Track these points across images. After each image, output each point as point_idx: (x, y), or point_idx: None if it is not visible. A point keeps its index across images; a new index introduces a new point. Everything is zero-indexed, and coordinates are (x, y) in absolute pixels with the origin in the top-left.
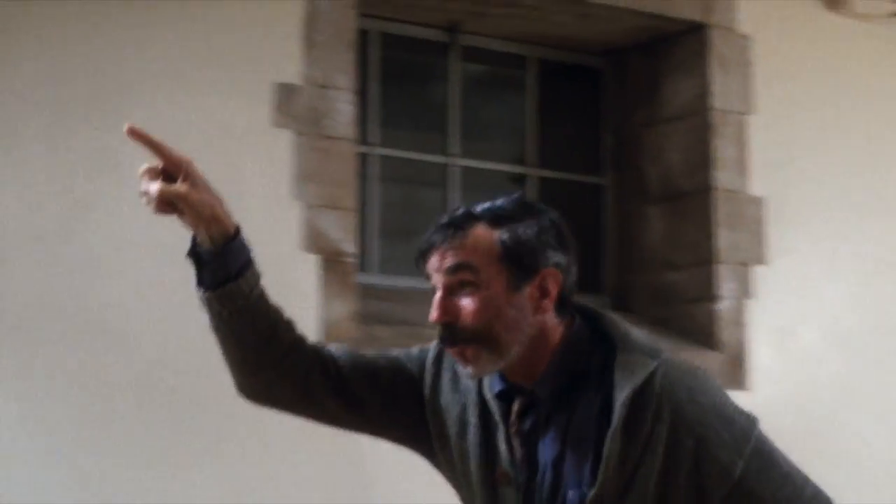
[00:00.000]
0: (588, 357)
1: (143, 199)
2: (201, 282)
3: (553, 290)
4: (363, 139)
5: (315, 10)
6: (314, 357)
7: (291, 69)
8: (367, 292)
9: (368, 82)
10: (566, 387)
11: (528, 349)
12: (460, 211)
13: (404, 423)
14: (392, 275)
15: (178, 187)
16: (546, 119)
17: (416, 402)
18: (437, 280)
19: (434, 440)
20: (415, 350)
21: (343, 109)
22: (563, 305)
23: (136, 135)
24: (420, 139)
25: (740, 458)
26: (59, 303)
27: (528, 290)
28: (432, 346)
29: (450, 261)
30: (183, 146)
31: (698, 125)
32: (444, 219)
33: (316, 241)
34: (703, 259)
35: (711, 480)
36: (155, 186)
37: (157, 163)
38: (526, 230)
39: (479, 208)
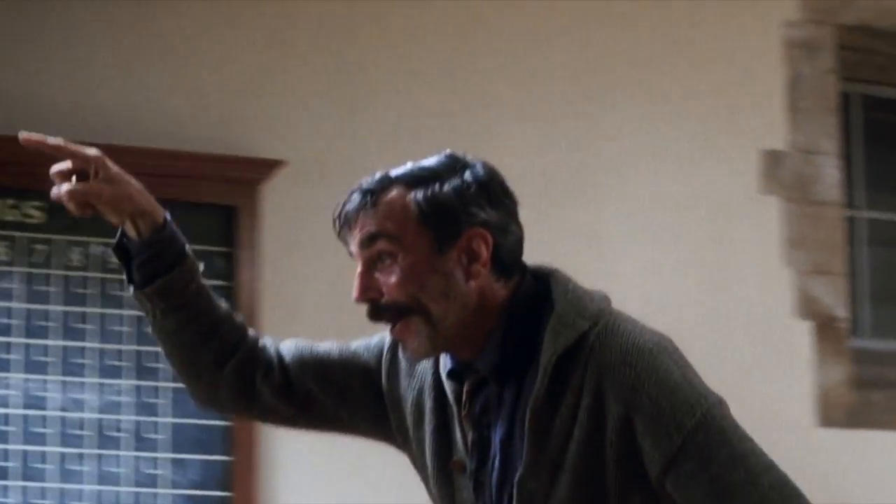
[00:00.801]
0: (533, 323)
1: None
2: (131, 279)
3: (482, 251)
4: (849, 203)
5: (797, 76)
6: (258, 361)
7: (777, 136)
8: (861, 357)
9: (852, 146)
10: (511, 359)
11: (469, 319)
12: (377, 175)
13: (364, 419)
14: (884, 339)
15: (90, 186)
16: None
17: (375, 396)
18: (357, 254)
19: (396, 434)
20: (375, 338)
21: (829, 174)
22: (505, 268)
23: (31, 142)
24: None
25: (678, 431)
26: None
27: (455, 254)
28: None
29: (364, 231)
30: (670, 215)
31: None
32: (359, 185)
33: (808, 307)
34: None
35: (643, 454)
36: (65, 187)
37: (66, 164)
38: (444, 187)
39: (397, 170)
